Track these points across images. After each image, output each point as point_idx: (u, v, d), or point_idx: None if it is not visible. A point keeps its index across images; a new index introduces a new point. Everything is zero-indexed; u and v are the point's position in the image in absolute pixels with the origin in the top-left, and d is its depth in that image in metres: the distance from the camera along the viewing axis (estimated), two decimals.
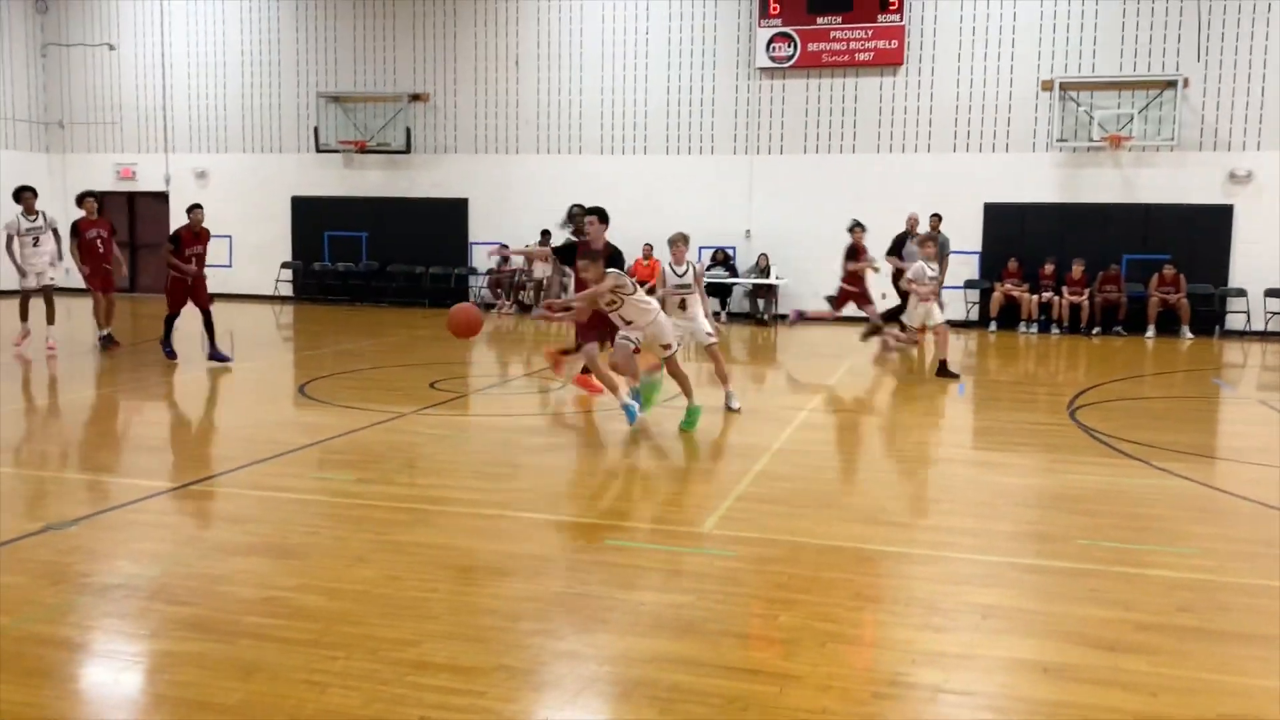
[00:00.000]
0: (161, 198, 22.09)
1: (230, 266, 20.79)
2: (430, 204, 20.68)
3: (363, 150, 20.69)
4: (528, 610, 4.37)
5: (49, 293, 12.74)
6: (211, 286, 12.24)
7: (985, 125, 18.06)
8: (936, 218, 15.99)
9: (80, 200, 12.80)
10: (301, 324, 17.71)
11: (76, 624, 4.29)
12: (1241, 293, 17.17)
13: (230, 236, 20.53)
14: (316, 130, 20.76)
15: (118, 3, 22.02)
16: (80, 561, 4.96)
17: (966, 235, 17.77)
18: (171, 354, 11.71)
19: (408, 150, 20.56)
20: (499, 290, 19.99)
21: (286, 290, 21.05)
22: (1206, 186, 17.15)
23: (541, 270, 18.62)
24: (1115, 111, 17.43)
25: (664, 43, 19.42)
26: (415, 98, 20.50)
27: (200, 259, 11.86)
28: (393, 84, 20.64)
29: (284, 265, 21.12)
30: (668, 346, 8.05)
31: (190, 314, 11.89)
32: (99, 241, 12.75)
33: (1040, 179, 17.86)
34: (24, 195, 12.83)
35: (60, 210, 19.31)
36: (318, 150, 20.84)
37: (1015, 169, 17.87)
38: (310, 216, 21.29)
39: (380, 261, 20.98)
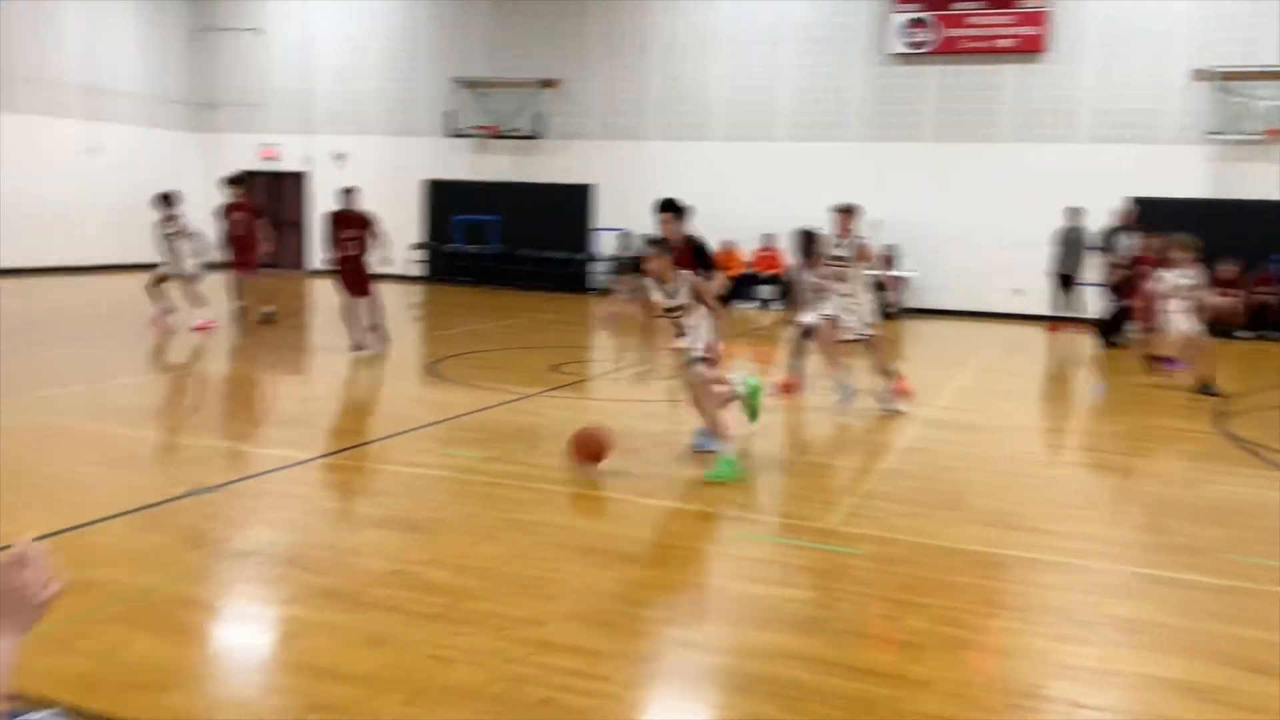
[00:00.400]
0: (302, 178, 22.90)
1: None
2: (557, 189, 20.91)
3: (494, 135, 21.03)
4: (651, 596, 4.37)
5: (182, 279, 13.03)
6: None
7: (1132, 116, 17.25)
8: (1131, 209, 14.99)
9: (228, 183, 13.10)
10: (432, 304, 18.14)
11: (217, 587, 4.48)
12: None
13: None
14: (451, 115, 21.18)
15: None
16: (220, 527, 5.17)
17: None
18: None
19: (537, 136, 20.81)
20: (619, 277, 20.08)
21: (417, 271, 21.58)
22: None
23: None
24: (1277, 103, 16.43)
25: (796, 27, 19.15)
26: (546, 84, 20.71)
27: (352, 243, 11.24)
28: (525, 70, 20.90)
29: (415, 246, 21.65)
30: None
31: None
32: (245, 223, 13.00)
33: (1189, 173, 16.98)
34: (164, 201, 13.15)
35: (202, 189, 20.21)
36: (452, 135, 21.27)
37: (1162, 162, 17.03)
38: (442, 199, 21.77)
39: (508, 245, 21.31)
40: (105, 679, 3.41)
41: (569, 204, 20.85)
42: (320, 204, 22.40)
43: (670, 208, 7.20)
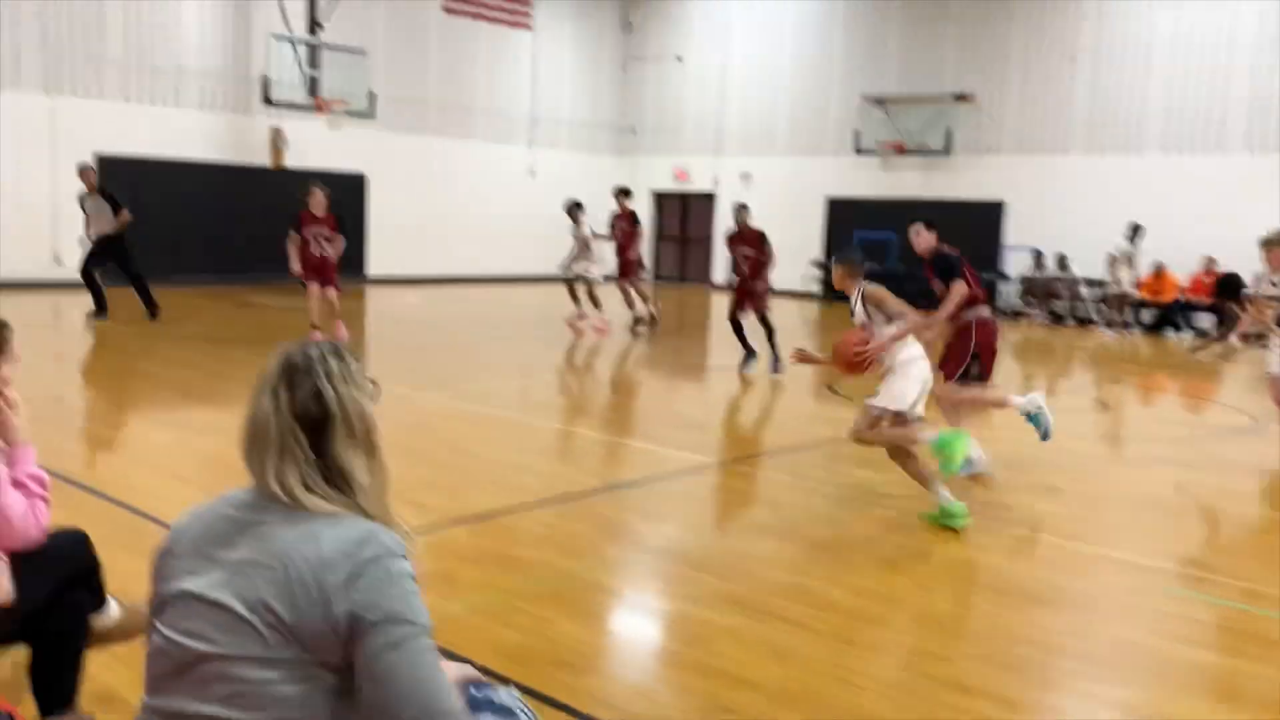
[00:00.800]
0: (710, 198, 23.88)
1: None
2: (966, 207, 20.11)
3: (901, 152, 20.67)
4: (1070, 646, 4.01)
5: (586, 284, 14.02)
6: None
7: None
8: None
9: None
10: (827, 321, 18.15)
11: (631, 579, 4.71)
12: None
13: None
14: (857, 133, 21.11)
15: (690, 19, 24.11)
16: (636, 521, 5.45)
17: None
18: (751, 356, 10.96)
19: (947, 152, 20.17)
20: (1031, 298, 18.93)
21: (815, 288, 21.70)
22: None
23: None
24: None
25: (1251, 30, 17.04)
26: (960, 98, 20.03)
27: (748, 262, 11.20)
28: (937, 84, 20.35)
29: (814, 264, 21.79)
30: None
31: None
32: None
33: None
34: (574, 210, 14.30)
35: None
36: (856, 152, 21.20)
37: None
38: (843, 217, 21.74)
39: (907, 264, 20.80)
40: (535, 654, 3.68)
41: (977, 222, 19.98)
42: (726, 223, 23.27)
43: (922, 220, 7.09)
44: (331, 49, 18.18)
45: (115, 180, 17.04)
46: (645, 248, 17.50)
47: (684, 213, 25.05)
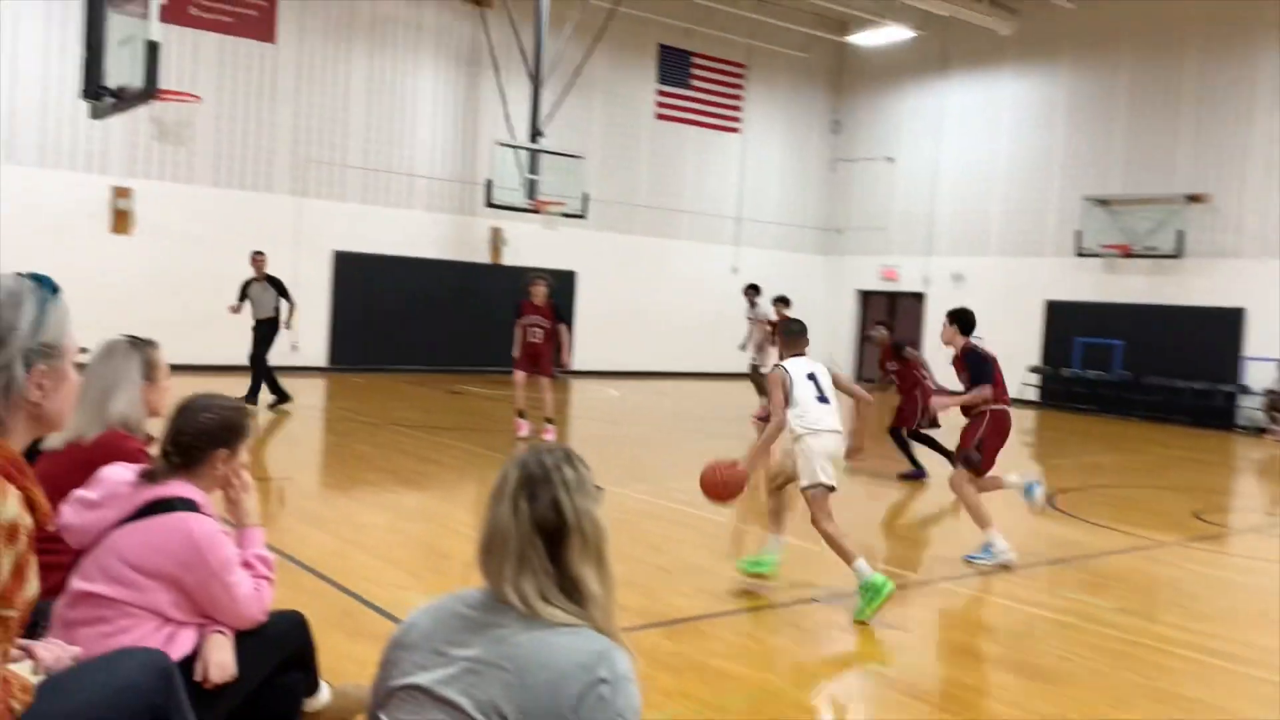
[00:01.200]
0: (918, 298, 23.35)
1: None
2: (1199, 313, 18.80)
3: (1127, 255, 19.62)
4: None
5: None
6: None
7: None
8: None
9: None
10: (1044, 431, 17.21)
11: (834, 701, 4.45)
12: None
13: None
14: (1079, 234, 20.22)
15: (900, 118, 23.98)
16: (841, 638, 5.18)
17: None
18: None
19: (1178, 255, 18.99)
20: (1276, 413, 17.36)
21: (1031, 395, 20.69)
22: None
23: None
24: None
25: None
26: (1193, 198, 18.89)
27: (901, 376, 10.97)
28: (1167, 184, 19.30)
29: (1031, 369, 20.81)
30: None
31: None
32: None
33: None
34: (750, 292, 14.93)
35: (823, 306, 21.53)
36: (1078, 254, 20.28)
37: None
38: (1063, 321, 20.74)
39: (1134, 372, 19.58)
40: None
41: (1212, 329, 18.62)
42: (936, 324, 22.64)
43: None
44: (550, 154, 19.09)
45: (348, 274, 18.33)
46: (848, 349, 17.66)
47: (891, 313, 24.57)
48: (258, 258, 13.31)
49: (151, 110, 14.24)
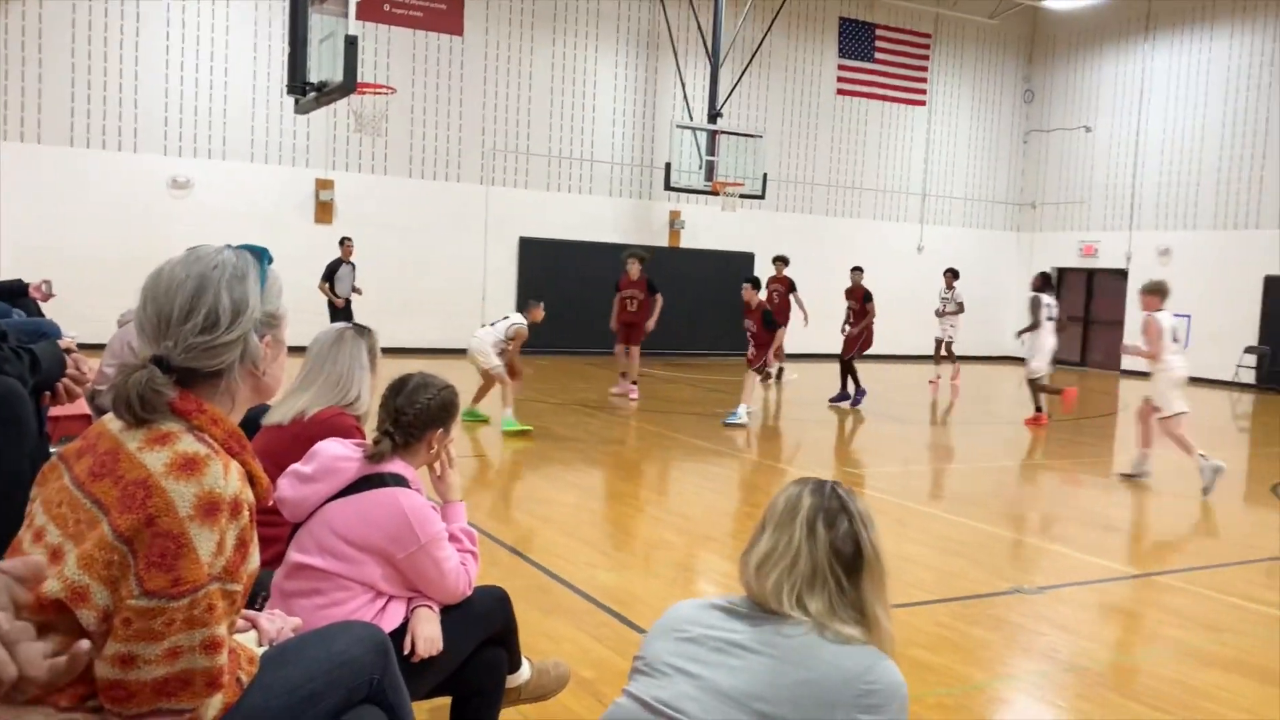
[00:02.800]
0: (1120, 274, 22.01)
1: (1188, 346, 19.71)
2: None
3: None
4: None
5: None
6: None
7: None
8: None
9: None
10: (1262, 416, 15.92)
11: (1044, 697, 4.21)
12: None
13: (1189, 316, 19.48)
14: None
15: (1099, 86, 22.62)
16: (1048, 632, 4.91)
17: None
18: None
19: None
20: None
21: (1247, 377, 19.19)
22: None
23: None
24: None
25: None
26: None
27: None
28: None
29: (1247, 350, 19.30)
30: None
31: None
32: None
33: None
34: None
35: (1017, 285, 20.50)
36: None
37: None
38: None
39: None
40: None
41: None
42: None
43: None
44: (729, 135, 18.97)
45: (533, 259, 18.76)
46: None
47: (1089, 291, 23.28)
48: (347, 243, 14.97)
49: (350, 104, 14.95)
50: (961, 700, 4.02)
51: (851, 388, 13.65)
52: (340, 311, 14.44)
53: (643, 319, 13.12)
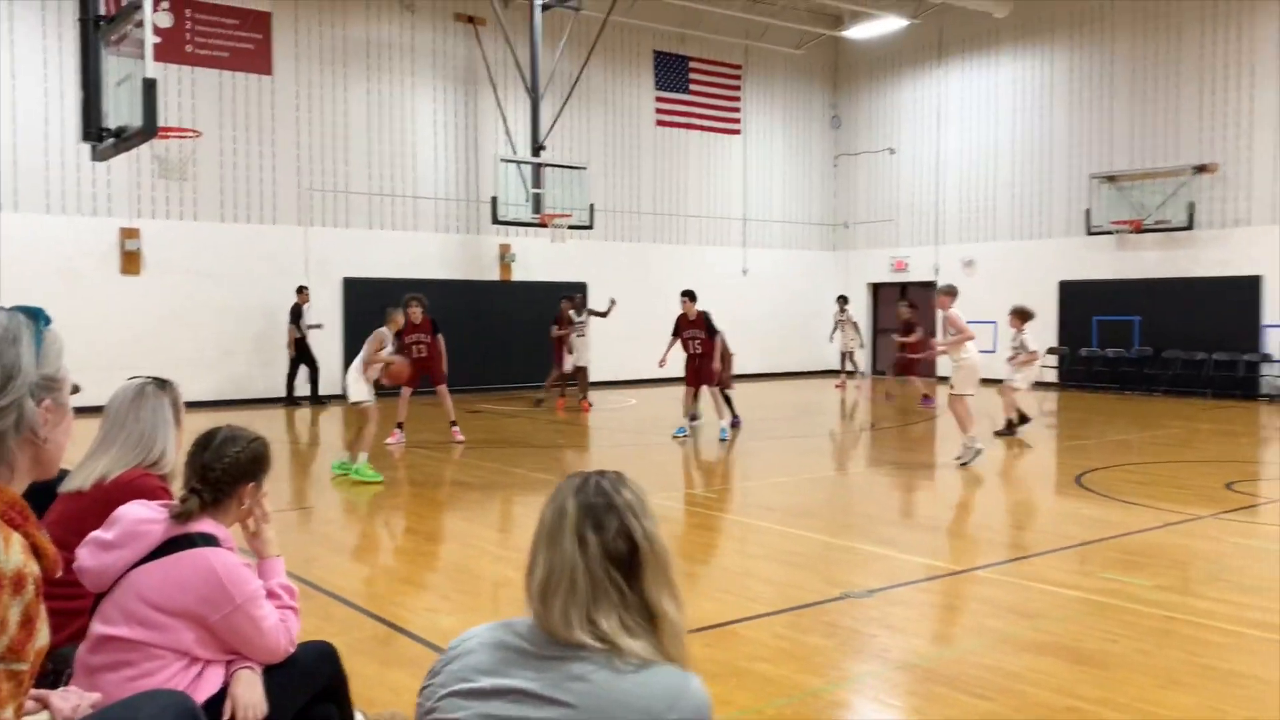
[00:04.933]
0: (931, 286, 23.21)
1: (993, 352, 20.94)
2: (1215, 284, 18.63)
3: (1138, 230, 19.46)
4: None
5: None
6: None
7: None
8: None
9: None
10: (1066, 411, 17.06)
11: (878, 697, 4.37)
12: None
13: (994, 323, 20.71)
14: (1088, 212, 20.09)
15: (900, 110, 23.89)
16: (879, 633, 5.10)
17: None
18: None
19: (1190, 226, 18.83)
20: None
21: (1050, 376, 20.53)
22: None
23: None
24: None
25: None
26: (1201, 169, 18.74)
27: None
28: (1175, 157, 19.16)
29: (1049, 351, 20.66)
30: None
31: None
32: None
33: None
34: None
35: (853, 303, 21.36)
36: (1088, 233, 20.14)
37: None
38: (1079, 301, 20.59)
39: (1154, 347, 19.42)
40: None
41: (1229, 299, 18.45)
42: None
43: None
44: (553, 167, 19.09)
45: (359, 300, 18.31)
46: (865, 340, 18.53)
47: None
48: (303, 291, 17.14)
49: (153, 149, 14.32)
50: (799, 708, 4.12)
51: (728, 414, 13.65)
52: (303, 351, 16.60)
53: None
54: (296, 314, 17.04)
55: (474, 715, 1.72)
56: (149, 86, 8.68)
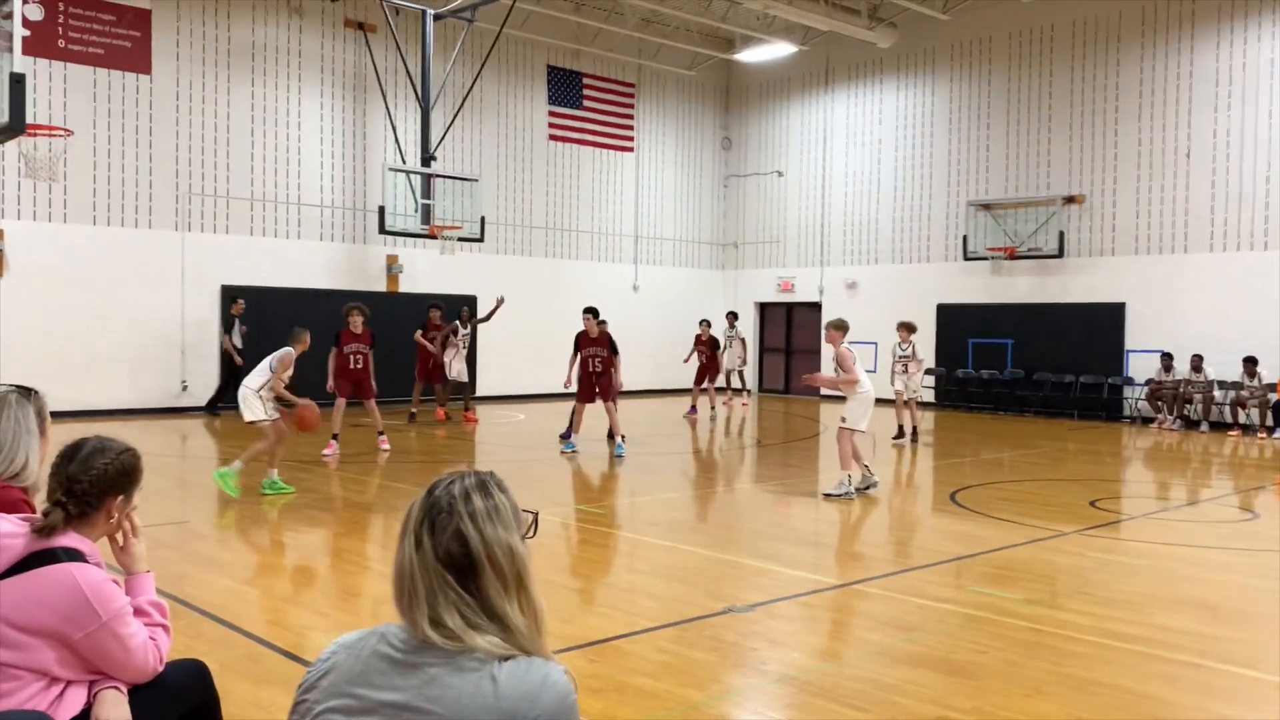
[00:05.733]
0: (815, 307, 23.75)
1: (874, 371, 21.51)
2: (1083, 309, 19.54)
3: (1012, 257, 20.30)
4: None
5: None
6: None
7: None
8: None
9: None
10: (942, 430, 17.63)
11: (757, 710, 4.43)
12: None
13: (875, 343, 21.29)
14: (965, 239, 20.85)
15: (788, 134, 24.42)
16: (760, 647, 5.18)
17: None
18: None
19: (1060, 254, 19.71)
20: (1159, 402, 18.10)
21: (928, 396, 21.18)
22: None
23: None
24: None
25: None
26: (1070, 200, 19.66)
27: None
28: (1046, 188, 20.05)
29: (927, 371, 21.31)
30: None
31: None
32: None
33: None
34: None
35: (741, 321, 21.66)
36: (965, 258, 20.90)
37: None
38: (955, 323, 21.33)
39: (1025, 369, 20.25)
40: None
41: (1095, 324, 19.37)
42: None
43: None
44: (444, 178, 18.90)
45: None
46: (750, 359, 18.74)
47: (789, 323, 24.96)
48: (238, 302, 17.06)
49: (20, 146, 13.65)
50: None
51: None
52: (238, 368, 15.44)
53: (367, 373, 12.95)
54: (229, 324, 16.94)
55: None
56: (17, 81, 8.27)
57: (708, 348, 18.87)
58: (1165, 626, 5.61)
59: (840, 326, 10.29)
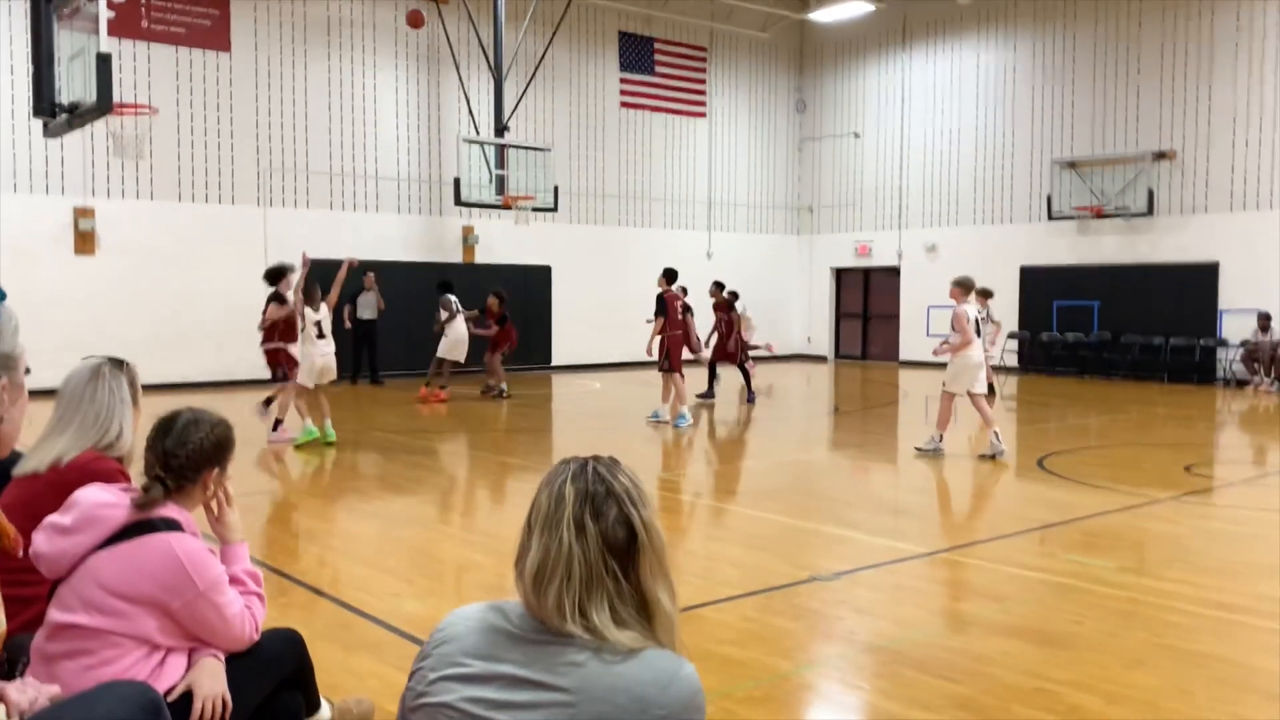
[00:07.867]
0: (894, 271, 23.34)
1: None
2: (1173, 270, 18.88)
3: (1099, 216, 19.66)
4: None
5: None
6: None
7: None
8: None
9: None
10: (1026, 395, 17.22)
11: (846, 680, 4.37)
12: None
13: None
14: (1049, 198, 20.26)
15: (865, 95, 23.93)
16: (846, 616, 5.10)
17: None
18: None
19: (1149, 213, 19.04)
20: (1255, 364, 17.45)
21: (1011, 360, 20.72)
22: None
23: None
24: None
25: None
26: (1160, 156, 18.95)
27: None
28: (1134, 144, 19.35)
29: (1010, 335, 20.84)
30: None
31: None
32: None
33: None
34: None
35: (798, 285, 21.41)
36: (1049, 218, 20.31)
37: None
38: (1039, 286, 20.78)
39: (1113, 332, 19.66)
40: None
41: (1187, 284, 18.71)
42: (911, 297, 22.61)
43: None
44: (517, 148, 18.92)
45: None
46: (827, 326, 18.27)
47: (866, 289, 24.57)
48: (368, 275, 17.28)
49: (108, 126, 13.99)
50: (769, 691, 4.11)
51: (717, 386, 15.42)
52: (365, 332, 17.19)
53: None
54: (355, 296, 17.39)
55: (464, 699, 1.70)
56: (103, 61, 8.47)
57: (725, 313, 15.83)
58: (1271, 596, 5.40)
59: (963, 285, 10.20)
